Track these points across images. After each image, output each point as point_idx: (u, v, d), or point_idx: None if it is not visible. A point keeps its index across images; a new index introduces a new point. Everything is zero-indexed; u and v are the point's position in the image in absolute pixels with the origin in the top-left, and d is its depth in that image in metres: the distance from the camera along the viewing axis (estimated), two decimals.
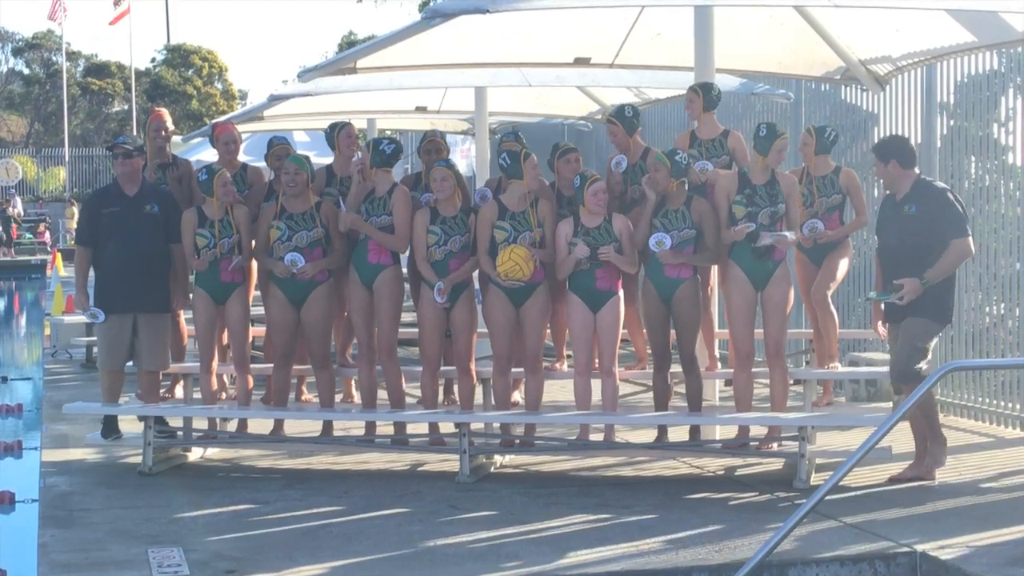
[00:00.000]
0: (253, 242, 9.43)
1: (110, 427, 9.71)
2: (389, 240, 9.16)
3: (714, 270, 9.40)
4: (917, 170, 8.78)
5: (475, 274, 9.32)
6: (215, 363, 9.60)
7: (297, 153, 9.60)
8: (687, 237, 8.92)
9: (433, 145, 9.83)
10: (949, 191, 8.82)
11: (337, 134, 9.77)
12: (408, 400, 9.76)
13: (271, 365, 9.69)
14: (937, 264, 8.49)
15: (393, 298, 9.30)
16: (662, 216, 8.93)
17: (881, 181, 9.13)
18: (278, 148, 9.88)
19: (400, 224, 9.13)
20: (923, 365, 8.55)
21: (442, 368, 9.56)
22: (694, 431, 9.32)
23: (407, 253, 9.38)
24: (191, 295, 9.59)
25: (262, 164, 10.36)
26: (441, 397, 9.91)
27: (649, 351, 9.50)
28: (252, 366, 9.79)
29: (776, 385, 9.06)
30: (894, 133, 11.56)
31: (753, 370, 9.13)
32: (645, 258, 9.01)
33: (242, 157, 10.39)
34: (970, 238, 8.62)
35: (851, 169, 9.85)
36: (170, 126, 10.17)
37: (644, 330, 9.57)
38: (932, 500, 8.25)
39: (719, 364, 9.88)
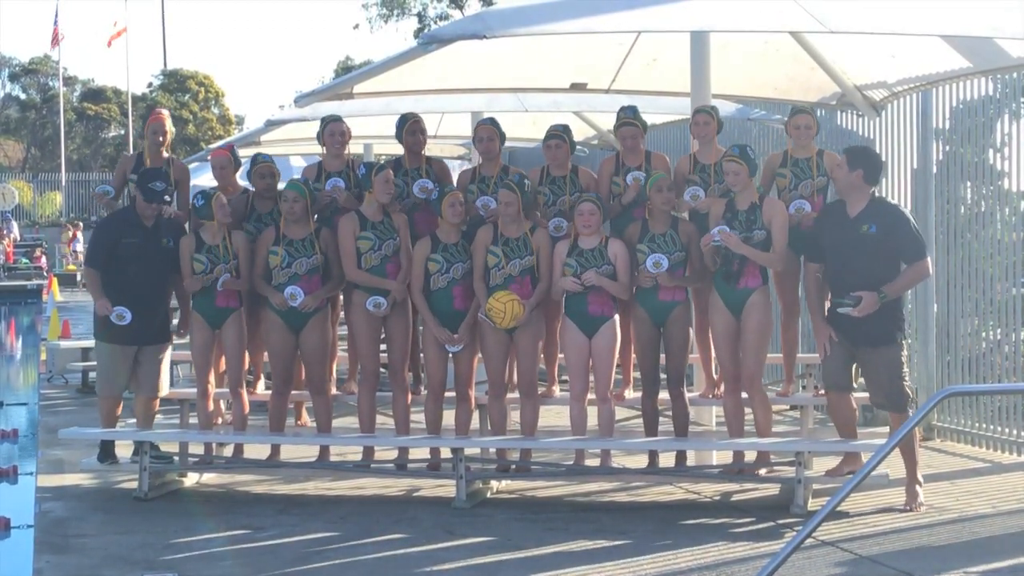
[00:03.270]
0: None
1: (107, 452, 9.69)
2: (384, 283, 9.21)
3: None
4: (874, 191, 8.77)
5: None
6: (211, 388, 9.59)
7: (295, 179, 9.60)
8: (679, 260, 8.93)
9: (416, 126, 9.79)
10: (905, 209, 8.82)
11: (322, 130, 9.78)
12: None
13: (268, 391, 9.70)
14: (897, 282, 8.53)
15: (407, 321, 9.32)
16: (649, 241, 8.93)
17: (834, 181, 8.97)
18: (262, 167, 9.83)
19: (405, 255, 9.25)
20: (907, 385, 8.75)
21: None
22: (680, 456, 9.31)
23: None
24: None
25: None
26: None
27: (638, 375, 9.50)
28: (257, 392, 9.80)
29: (756, 412, 9.01)
30: (889, 157, 11.60)
31: (744, 396, 9.10)
32: (635, 283, 9.02)
33: (243, 182, 10.40)
34: (929, 259, 8.65)
35: (833, 153, 9.76)
36: (169, 128, 10.11)
37: (633, 354, 9.61)
38: (929, 526, 8.23)
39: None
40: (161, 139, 10.04)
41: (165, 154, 10.08)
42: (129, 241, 9.42)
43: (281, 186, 9.75)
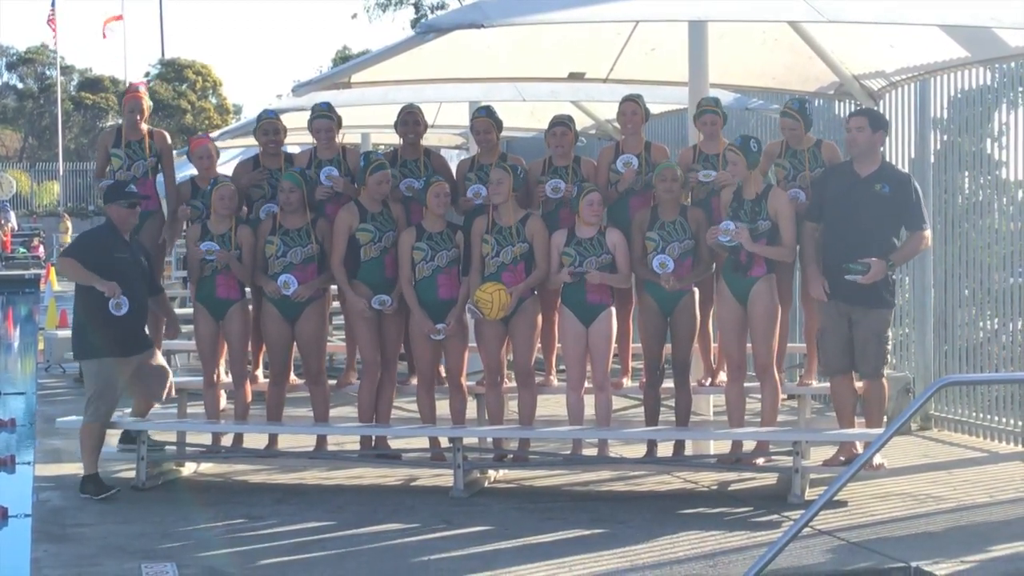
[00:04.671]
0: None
1: (94, 484, 9.07)
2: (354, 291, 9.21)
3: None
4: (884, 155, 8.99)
5: None
6: (218, 378, 9.59)
7: (292, 170, 9.52)
8: (688, 248, 8.93)
9: (411, 117, 9.73)
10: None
11: (311, 122, 9.74)
12: (401, 415, 9.75)
13: (266, 382, 9.71)
14: (902, 250, 8.73)
15: (401, 315, 9.32)
16: (659, 229, 8.94)
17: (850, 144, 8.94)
18: (265, 123, 9.78)
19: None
20: (888, 350, 8.98)
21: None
22: (678, 446, 9.33)
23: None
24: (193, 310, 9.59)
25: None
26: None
27: (636, 364, 9.50)
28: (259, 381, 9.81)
29: (765, 399, 9.03)
30: (887, 146, 11.59)
31: (746, 384, 9.11)
32: (642, 273, 9.03)
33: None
34: (929, 232, 8.88)
35: (832, 143, 9.73)
36: (146, 105, 9.99)
37: (632, 343, 9.63)
38: (927, 515, 8.24)
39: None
40: (138, 116, 9.94)
41: (144, 126, 10.00)
42: (121, 256, 9.08)
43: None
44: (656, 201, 9.07)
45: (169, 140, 10.14)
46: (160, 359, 9.46)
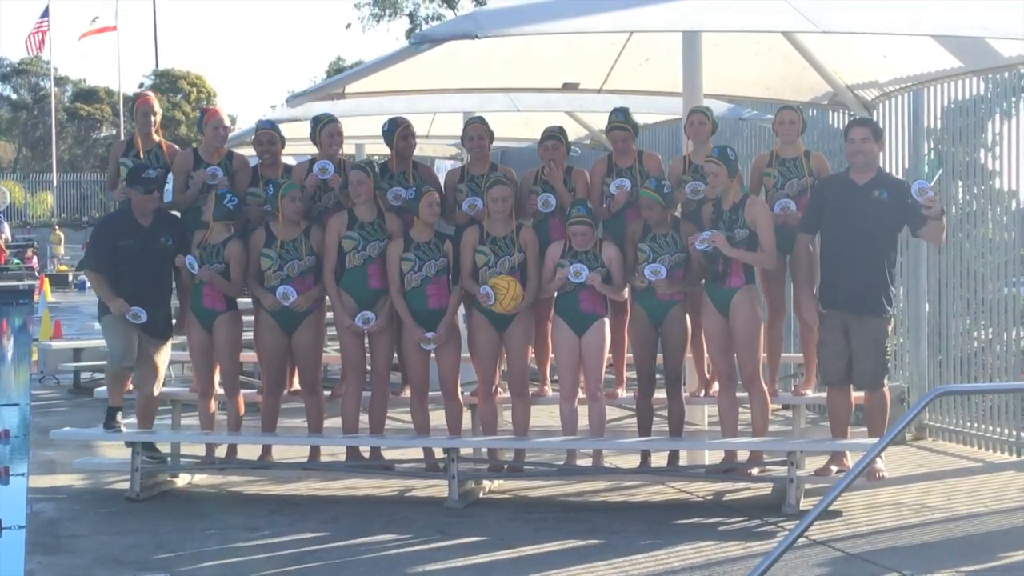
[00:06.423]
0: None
1: (111, 417, 9.42)
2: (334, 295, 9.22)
3: None
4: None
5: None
6: (213, 388, 9.57)
7: (292, 181, 9.48)
8: (679, 260, 8.94)
9: (408, 131, 9.74)
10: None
11: (320, 130, 9.71)
12: (395, 426, 9.73)
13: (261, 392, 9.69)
14: (930, 229, 8.75)
15: (394, 324, 9.31)
16: (650, 241, 8.95)
17: (848, 156, 8.96)
18: (260, 133, 9.82)
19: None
20: (888, 361, 8.99)
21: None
22: (672, 456, 9.33)
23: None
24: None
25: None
26: None
27: (630, 375, 9.50)
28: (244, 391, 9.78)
29: (754, 410, 9.04)
30: (884, 158, 11.61)
31: (738, 394, 9.11)
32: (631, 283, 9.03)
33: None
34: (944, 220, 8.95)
35: (820, 154, 9.74)
36: (158, 109, 10.00)
37: (626, 354, 9.62)
38: (922, 525, 8.24)
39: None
40: (152, 118, 9.93)
41: (156, 137, 9.99)
42: (126, 243, 9.30)
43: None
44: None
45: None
46: (159, 358, 9.47)
